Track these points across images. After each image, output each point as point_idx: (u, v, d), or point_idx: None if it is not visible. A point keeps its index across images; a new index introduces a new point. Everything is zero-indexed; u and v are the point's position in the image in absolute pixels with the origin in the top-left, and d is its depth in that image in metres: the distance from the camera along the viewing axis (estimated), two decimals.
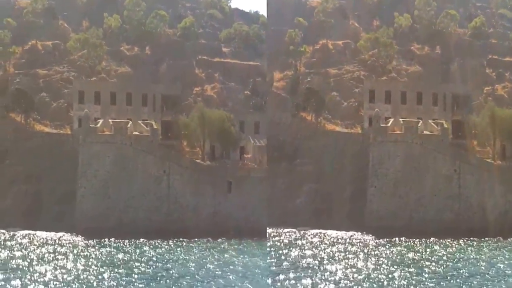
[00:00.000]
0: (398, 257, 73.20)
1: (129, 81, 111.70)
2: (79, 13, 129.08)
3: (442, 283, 58.95)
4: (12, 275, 59.90)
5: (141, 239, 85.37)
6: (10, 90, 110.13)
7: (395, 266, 66.20)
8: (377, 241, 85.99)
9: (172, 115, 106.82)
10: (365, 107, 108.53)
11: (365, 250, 78.03)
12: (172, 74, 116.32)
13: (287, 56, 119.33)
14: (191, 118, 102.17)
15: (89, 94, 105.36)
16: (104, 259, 71.04)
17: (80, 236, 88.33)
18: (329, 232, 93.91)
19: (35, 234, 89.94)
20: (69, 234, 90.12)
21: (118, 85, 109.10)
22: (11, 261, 68.22)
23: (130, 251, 77.27)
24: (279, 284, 57.83)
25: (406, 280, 59.55)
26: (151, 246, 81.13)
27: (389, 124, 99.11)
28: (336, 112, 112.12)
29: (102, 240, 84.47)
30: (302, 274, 61.68)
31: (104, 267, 64.89)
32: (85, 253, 74.43)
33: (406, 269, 65.20)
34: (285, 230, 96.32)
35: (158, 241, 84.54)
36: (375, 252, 76.58)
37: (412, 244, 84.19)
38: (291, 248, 78.90)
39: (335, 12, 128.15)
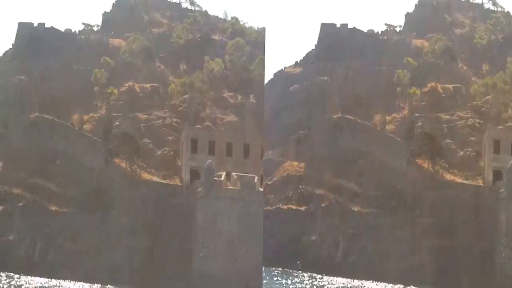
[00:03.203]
0: None
1: (241, 132, 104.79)
2: (177, 55, 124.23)
3: None
4: None
5: None
6: (114, 133, 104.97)
7: None
8: None
9: None
10: (487, 157, 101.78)
11: None
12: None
13: (394, 97, 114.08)
14: None
15: (202, 143, 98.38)
16: None
17: None
18: None
19: None
20: None
21: (234, 135, 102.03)
22: None
23: None
24: None
25: None
26: None
27: None
28: (452, 161, 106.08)
29: None
30: None
31: None
32: None
33: None
34: None
35: None
36: None
37: None
38: None
39: (443, 54, 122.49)
